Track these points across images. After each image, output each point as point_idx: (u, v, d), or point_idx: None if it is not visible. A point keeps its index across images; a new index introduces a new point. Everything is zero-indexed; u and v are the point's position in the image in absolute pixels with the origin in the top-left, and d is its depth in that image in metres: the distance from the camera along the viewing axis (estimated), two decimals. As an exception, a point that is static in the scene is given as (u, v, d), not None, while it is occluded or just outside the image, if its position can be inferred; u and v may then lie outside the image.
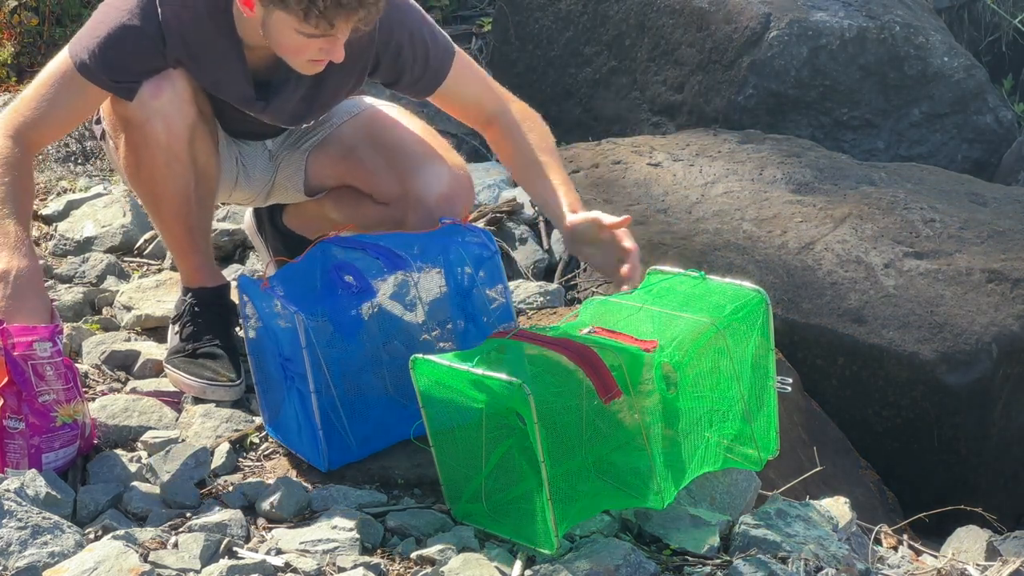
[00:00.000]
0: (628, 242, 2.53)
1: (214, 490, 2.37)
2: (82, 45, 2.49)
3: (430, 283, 2.52)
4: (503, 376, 2.06)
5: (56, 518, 2.11)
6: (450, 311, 2.55)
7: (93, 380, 2.78)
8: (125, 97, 2.52)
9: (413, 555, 2.15)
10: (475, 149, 4.86)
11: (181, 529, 2.20)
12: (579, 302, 2.76)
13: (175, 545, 2.13)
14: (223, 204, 3.51)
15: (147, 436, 2.52)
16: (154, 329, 3.00)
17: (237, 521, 2.22)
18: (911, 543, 2.62)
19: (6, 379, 2.31)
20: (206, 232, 2.78)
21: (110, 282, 3.30)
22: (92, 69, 2.48)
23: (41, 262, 3.35)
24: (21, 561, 2.01)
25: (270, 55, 2.53)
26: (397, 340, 2.48)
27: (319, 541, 2.16)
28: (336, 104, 2.78)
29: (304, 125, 2.80)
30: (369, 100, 2.92)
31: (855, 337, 3.35)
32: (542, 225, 3.72)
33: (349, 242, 2.55)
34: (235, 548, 2.15)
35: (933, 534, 2.90)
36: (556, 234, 3.68)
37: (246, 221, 3.21)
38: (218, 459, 2.45)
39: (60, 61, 2.53)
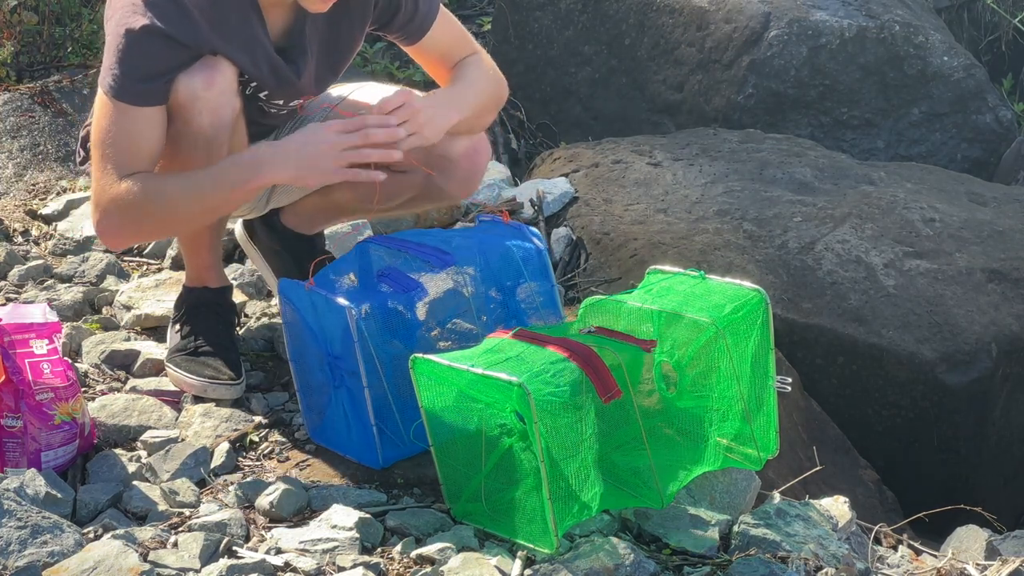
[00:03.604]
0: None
1: (214, 489, 2.37)
2: (107, 73, 2.44)
3: (465, 281, 2.54)
4: (503, 376, 2.06)
5: (56, 517, 2.11)
6: (496, 310, 2.56)
7: (93, 379, 2.78)
8: (163, 100, 2.45)
9: (413, 554, 2.15)
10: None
11: (181, 528, 2.20)
12: (579, 302, 2.76)
13: (175, 544, 2.13)
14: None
15: (147, 435, 2.52)
16: (154, 328, 3.00)
17: (237, 521, 2.22)
18: (911, 543, 2.62)
19: (3, 377, 2.32)
20: (221, 233, 2.78)
21: (110, 281, 3.30)
22: (126, 88, 2.41)
23: (40, 262, 3.37)
24: (21, 560, 2.01)
25: (286, 16, 2.53)
26: (450, 336, 2.50)
27: (319, 540, 2.16)
28: (349, 62, 2.77)
29: (322, 96, 2.81)
30: (358, 83, 2.93)
31: (855, 337, 3.34)
32: (542, 225, 3.72)
33: (389, 242, 2.56)
34: (235, 547, 2.15)
35: (933, 534, 2.90)
36: (556, 233, 3.68)
37: (237, 231, 3.19)
38: (218, 458, 2.45)
39: (100, 103, 2.47)
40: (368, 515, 2.26)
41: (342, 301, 2.36)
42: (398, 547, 2.18)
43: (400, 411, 2.39)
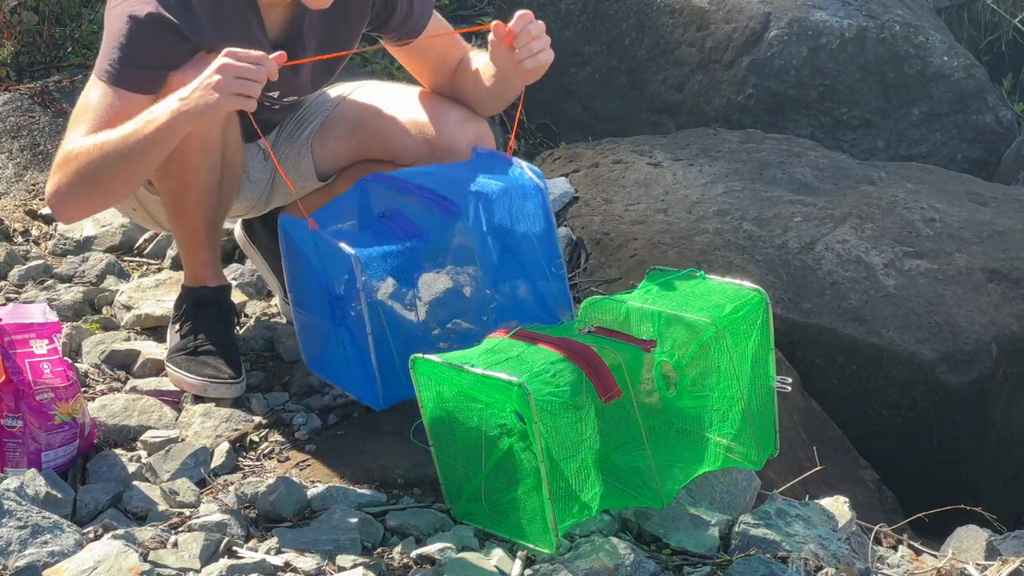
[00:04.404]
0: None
1: (214, 489, 2.37)
2: (105, 59, 2.45)
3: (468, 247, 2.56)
4: (503, 376, 2.06)
5: (56, 517, 2.11)
6: (492, 254, 2.58)
7: (93, 380, 2.78)
8: (156, 90, 2.46)
9: (413, 555, 2.15)
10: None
11: (181, 528, 2.20)
12: (579, 302, 2.76)
13: (175, 544, 2.13)
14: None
15: (147, 436, 2.52)
16: (154, 328, 3.00)
17: (237, 521, 2.22)
18: (911, 543, 2.62)
19: (3, 377, 2.31)
20: (219, 231, 2.78)
21: (110, 281, 3.30)
22: (124, 74, 2.43)
23: (40, 262, 3.37)
24: (21, 560, 2.01)
25: (284, 15, 2.55)
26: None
27: (319, 541, 2.16)
28: (346, 60, 2.79)
29: (314, 93, 2.82)
30: (358, 82, 2.94)
31: (855, 337, 3.34)
32: (542, 225, 3.72)
33: (391, 181, 2.56)
34: (235, 547, 2.14)
35: (933, 534, 2.90)
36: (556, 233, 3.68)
37: (236, 232, 3.20)
38: (218, 458, 2.45)
39: (91, 85, 2.49)
40: (368, 515, 2.26)
41: (348, 249, 2.37)
42: (398, 547, 2.18)
43: (401, 355, 2.39)
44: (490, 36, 2.60)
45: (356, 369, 2.47)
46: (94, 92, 2.48)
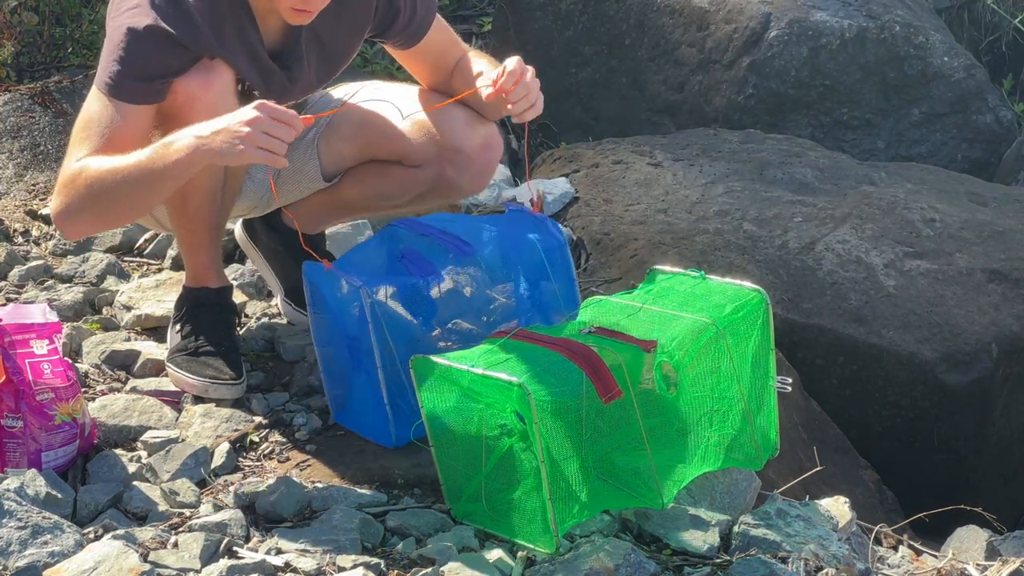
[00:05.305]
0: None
1: (214, 490, 2.37)
2: (104, 71, 2.45)
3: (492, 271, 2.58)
4: (503, 376, 2.06)
5: (56, 518, 2.11)
6: (518, 304, 2.59)
7: (93, 380, 2.78)
8: (160, 100, 2.47)
9: (413, 555, 2.15)
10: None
11: (181, 529, 2.20)
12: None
13: (175, 545, 2.13)
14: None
15: (147, 436, 2.52)
16: (154, 329, 3.00)
17: (237, 521, 2.22)
18: (911, 543, 2.62)
19: (3, 377, 2.32)
20: (222, 232, 2.78)
21: (110, 282, 3.30)
22: (124, 86, 2.43)
23: (41, 262, 3.37)
24: (21, 561, 2.01)
25: (280, 25, 2.55)
26: (463, 319, 2.54)
27: (319, 541, 2.16)
28: (346, 64, 2.79)
29: (318, 93, 2.81)
30: (360, 83, 2.94)
31: (855, 337, 3.35)
32: (542, 225, 3.72)
33: (414, 225, 2.59)
34: (235, 548, 2.15)
35: (933, 534, 2.90)
36: (556, 234, 3.69)
37: (237, 231, 3.20)
38: (218, 459, 2.45)
39: (92, 97, 2.49)
40: (368, 515, 2.26)
41: (356, 282, 2.39)
42: (398, 547, 2.18)
43: (414, 394, 2.40)
44: (480, 89, 2.58)
45: (372, 410, 2.48)
46: (95, 105, 2.47)
